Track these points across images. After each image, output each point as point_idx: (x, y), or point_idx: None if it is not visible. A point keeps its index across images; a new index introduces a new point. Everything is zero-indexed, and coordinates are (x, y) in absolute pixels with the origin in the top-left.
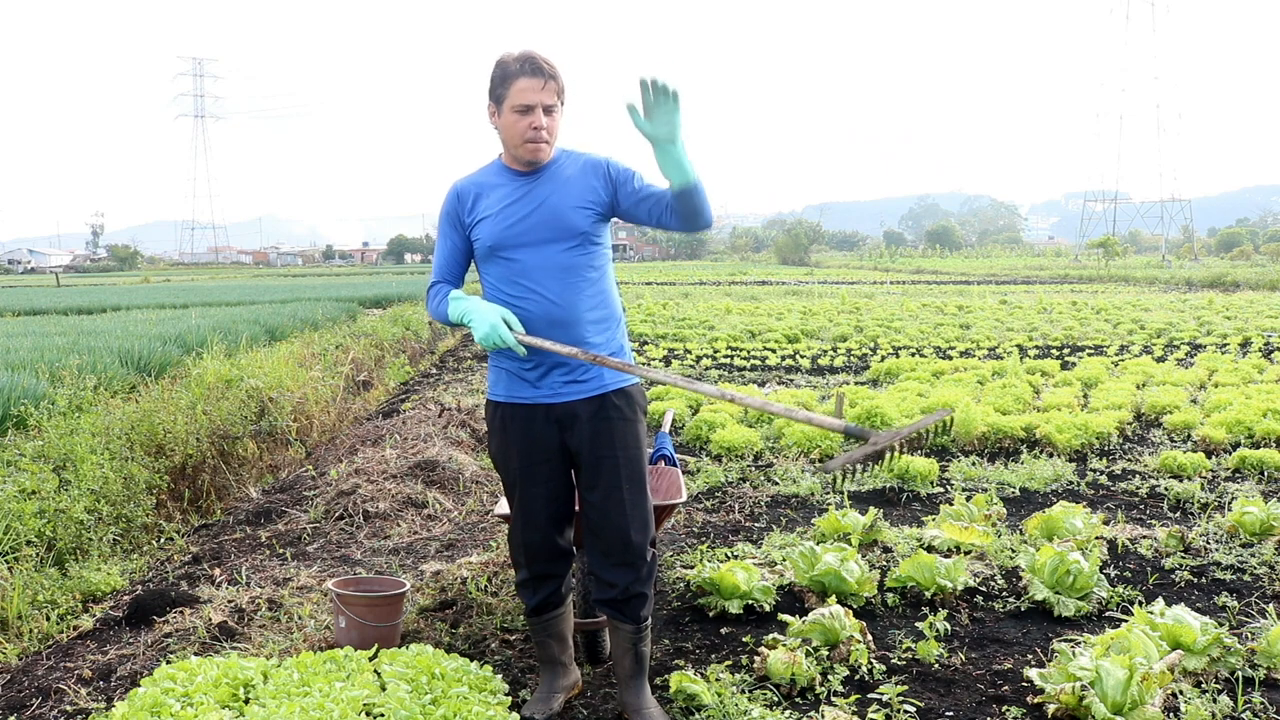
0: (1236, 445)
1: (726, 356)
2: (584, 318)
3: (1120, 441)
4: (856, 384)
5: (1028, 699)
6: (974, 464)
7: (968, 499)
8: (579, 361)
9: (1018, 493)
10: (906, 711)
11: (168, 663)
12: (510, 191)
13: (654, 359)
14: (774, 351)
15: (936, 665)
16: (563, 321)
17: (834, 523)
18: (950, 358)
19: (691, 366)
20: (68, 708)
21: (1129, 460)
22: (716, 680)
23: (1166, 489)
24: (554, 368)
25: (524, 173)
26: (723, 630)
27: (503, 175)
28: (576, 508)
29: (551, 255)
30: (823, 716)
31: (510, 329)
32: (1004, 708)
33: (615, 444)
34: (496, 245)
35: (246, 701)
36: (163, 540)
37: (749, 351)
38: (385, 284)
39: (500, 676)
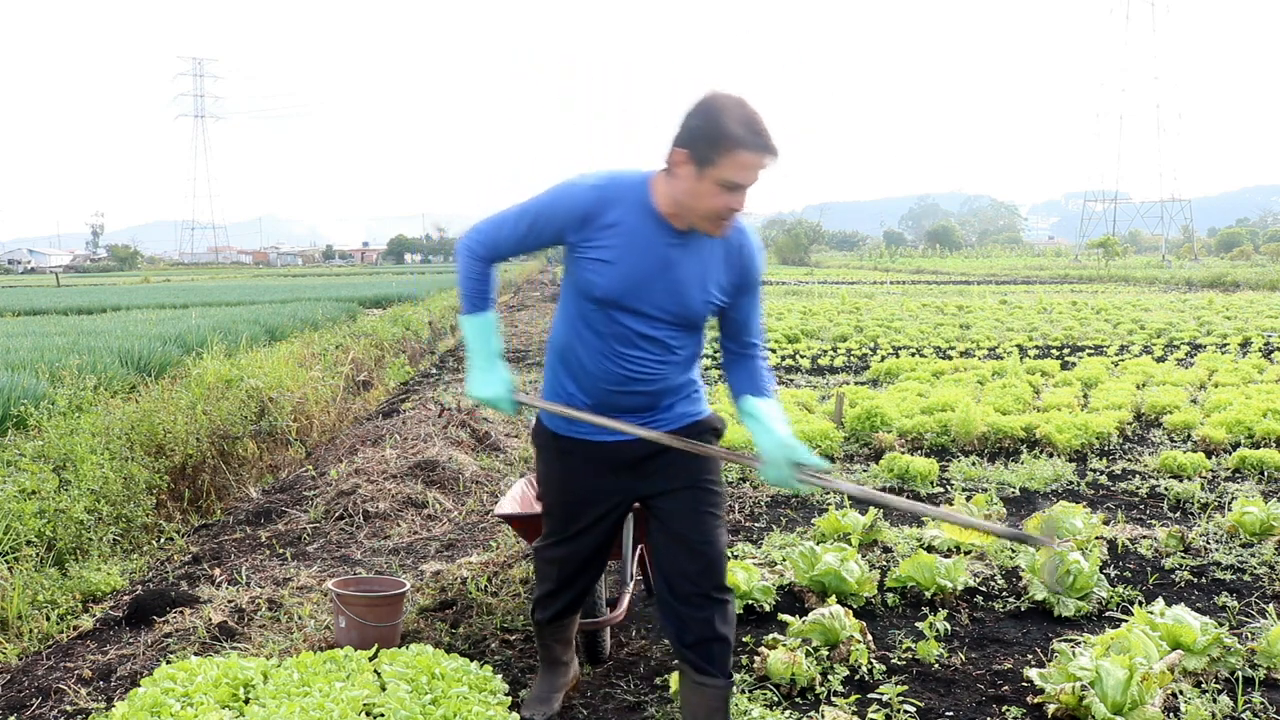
0: (1236, 445)
1: None
2: (668, 388)
3: (1120, 441)
4: (856, 384)
5: (1028, 699)
6: (974, 464)
7: (968, 499)
8: (646, 402)
9: (1018, 493)
10: (906, 711)
11: (168, 663)
12: (648, 244)
13: None
14: (774, 351)
15: (936, 665)
16: (646, 392)
17: (834, 523)
18: (950, 358)
19: None
20: (68, 708)
21: (1129, 460)
22: None
23: (1166, 489)
24: (620, 410)
25: (674, 229)
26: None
27: (647, 217)
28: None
29: (660, 335)
30: (823, 716)
31: (517, 393)
32: (1004, 708)
33: (704, 468)
34: (611, 301)
35: (246, 701)
36: (163, 540)
37: None
38: (385, 284)
39: (500, 676)
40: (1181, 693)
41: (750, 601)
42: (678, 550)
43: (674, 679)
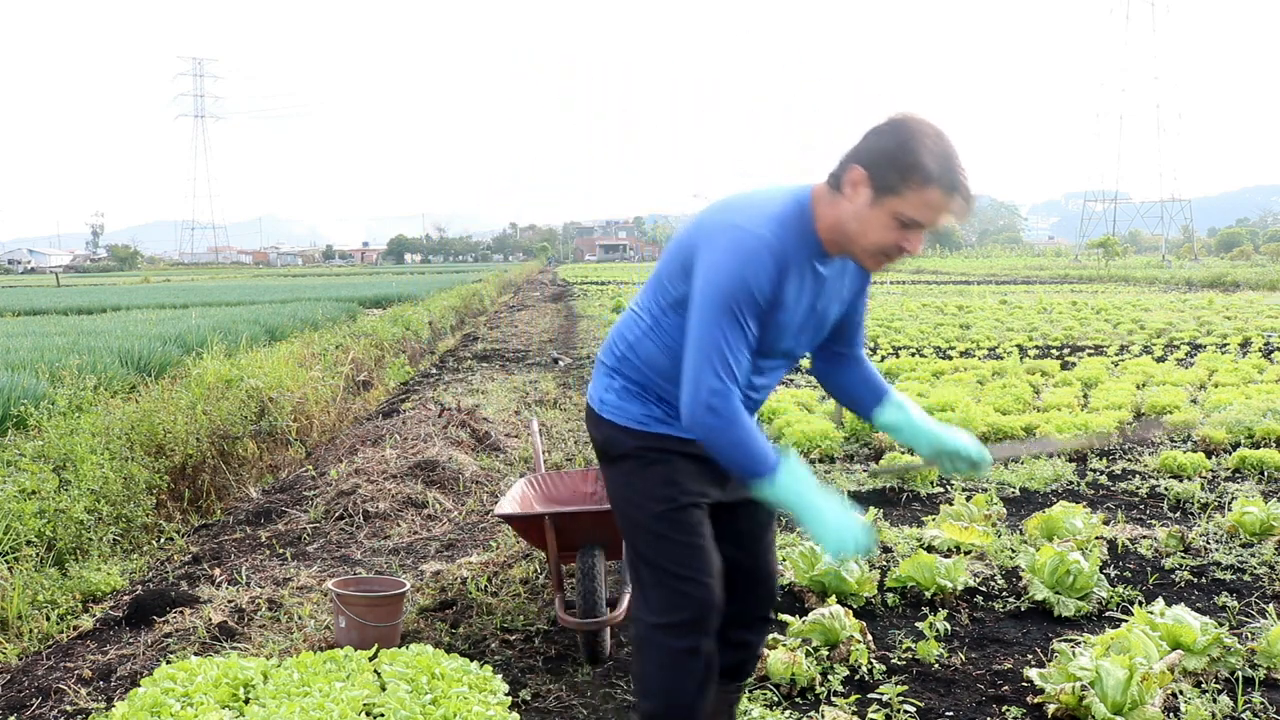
0: (1236, 445)
1: None
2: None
3: (1120, 441)
4: None
5: (1028, 699)
6: None
7: (968, 499)
8: None
9: (1018, 493)
10: (906, 711)
11: (168, 663)
12: (804, 283)
13: None
14: None
15: (936, 665)
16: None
17: None
18: (950, 357)
19: None
20: (68, 708)
21: (1129, 460)
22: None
23: (1166, 489)
24: None
25: (826, 257)
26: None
27: (809, 251)
28: None
29: (785, 367)
30: (823, 716)
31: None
32: (1004, 708)
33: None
34: (767, 348)
35: (246, 701)
36: (163, 540)
37: None
38: (385, 284)
39: (500, 676)
40: (1181, 693)
41: None
42: (745, 570)
43: None
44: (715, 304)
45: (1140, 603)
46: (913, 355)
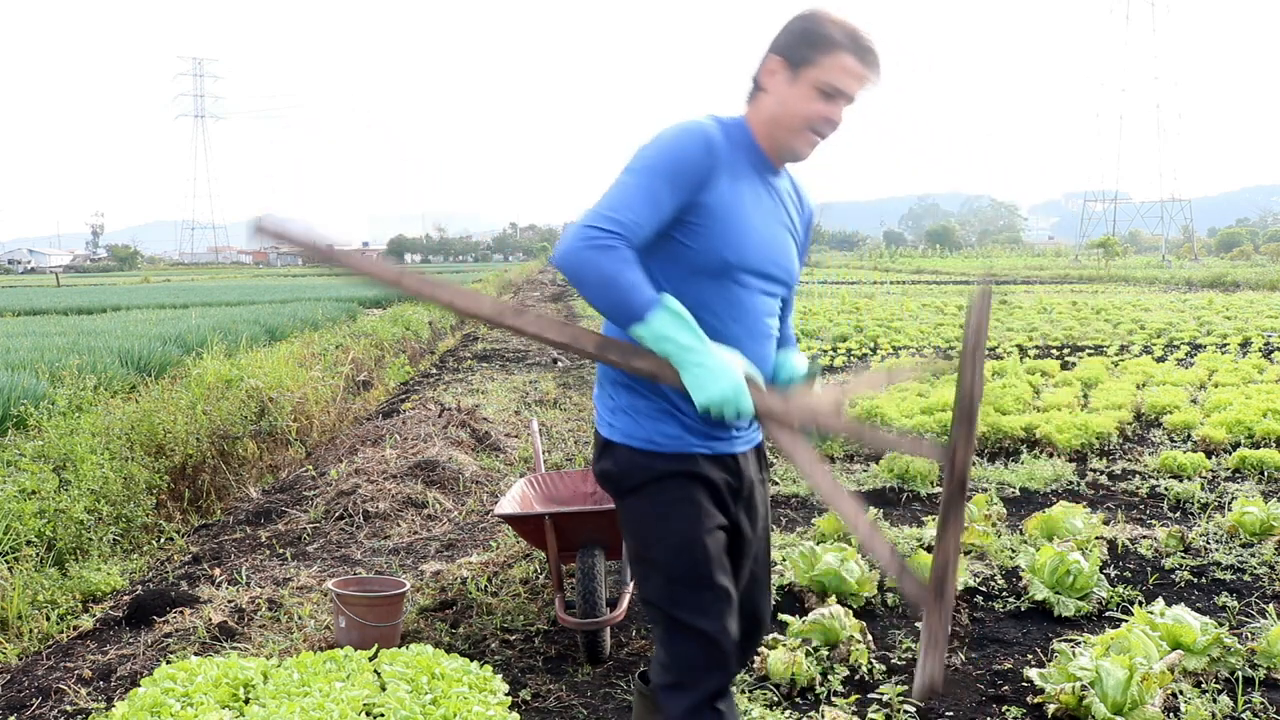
0: (1236, 445)
1: None
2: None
3: (1120, 441)
4: None
5: (1028, 699)
6: (974, 464)
7: (968, 499)
8: None
9: (1018, 493)
10: (906, 711)
11: (168, 663)
12: (756, 188)
13: None
14: None
15: None
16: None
17: (834, 523)
18: (951, 358)
19: None
20: (68, 708)
21: (1129, 460)
22: None
23: (1166, 489)
24: None
25: (769, 166)
26: None
27: (752, 156)
28: None
29: (765, 296)
30: (823, 716)
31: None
32: (1004, 708)
33: (767, 506)
34: (732, 263)
35: (246, 701)
36: (163, 540)
37: None
38: None
39: (500, 676)
40: (1181, 693)
41: None
42: (748, 594)
43: None
44: (635, 164)
45: (1140, 603)
46: (913, 355)
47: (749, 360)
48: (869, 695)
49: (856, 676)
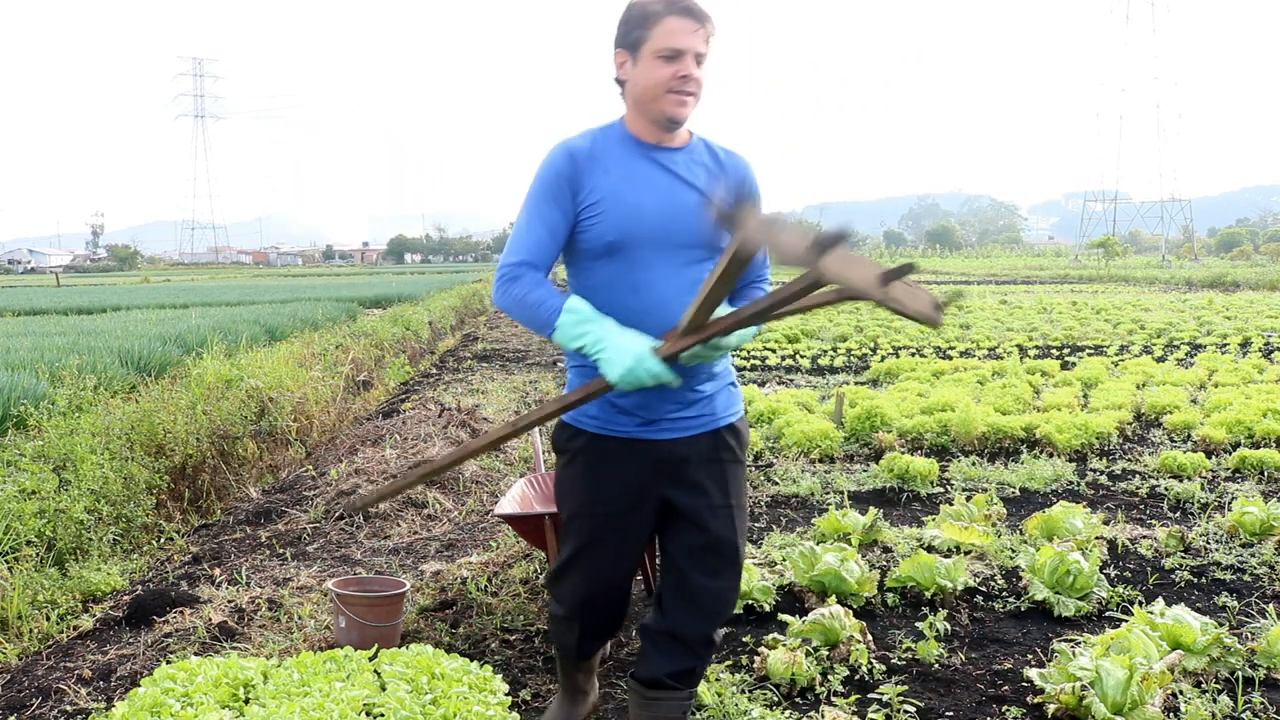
0: (1236, 445)
1: None
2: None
3: (1120, 441)
4: (856, 384)
5: (1028, 699)
6: (974, 464)
7: (968, 499)
8: (688, 389)
9: (1018, 493)
10: (906, 711)
11: (168, 663)
12: (637, 169)
13: None
14: (774, 351)
15: (936, 665)
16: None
17: (834, 523)
18: (950, 357)
19: None
20: (68, 708)
21: (1129, 460)
22: (716, 680)
23: (1166, 489)
24: (664, 398)
25: (655, 146)
26: (722, 630)
27: (627, 145)
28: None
29: (679, 264)
30: (823, 716)
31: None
32: (1004, 708)
33: (729, 491)
34: (619, 241)
35: (246, 701)
36: (163, 540)
37: (748, 351)
38: (385, 284)
39: (500, 676)
40: (1181, 693)
41: (750, 601)
42: (674, 585)
43: None
44: (524, 203)
45: (1140, 603)
46: (913, 355)
47: (665, 325)
48: (869, 695)
49: (856, 676)
